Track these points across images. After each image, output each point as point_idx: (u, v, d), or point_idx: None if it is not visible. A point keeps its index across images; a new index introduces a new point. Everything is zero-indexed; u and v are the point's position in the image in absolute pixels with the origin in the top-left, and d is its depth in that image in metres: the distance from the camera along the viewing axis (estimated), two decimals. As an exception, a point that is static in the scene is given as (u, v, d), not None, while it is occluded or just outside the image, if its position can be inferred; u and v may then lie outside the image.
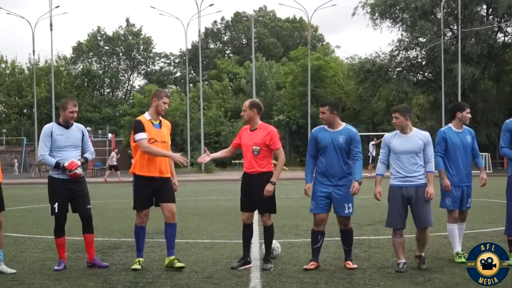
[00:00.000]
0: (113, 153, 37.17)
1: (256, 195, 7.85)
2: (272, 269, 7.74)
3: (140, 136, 7.78)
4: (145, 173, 7.87)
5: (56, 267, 7.91)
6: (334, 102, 8.10)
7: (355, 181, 7.71)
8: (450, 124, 8.44)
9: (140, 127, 7.82)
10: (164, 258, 8.73)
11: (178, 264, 7.77)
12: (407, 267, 7.69)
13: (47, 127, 7.96)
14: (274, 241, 8.84)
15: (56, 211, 7.92)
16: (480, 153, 8.52)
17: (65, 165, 7.87)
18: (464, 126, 8.39)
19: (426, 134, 7.84)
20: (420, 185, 7.68)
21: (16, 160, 54.75)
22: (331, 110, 7.79)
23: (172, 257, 7.88)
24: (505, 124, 8.05)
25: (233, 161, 49.17)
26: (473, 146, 8.32)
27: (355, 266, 7.77)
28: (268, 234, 7.99)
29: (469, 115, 8.39)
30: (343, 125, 7.89)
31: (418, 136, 7.76)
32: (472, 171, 8.33)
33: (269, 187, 7.82)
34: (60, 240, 8.05)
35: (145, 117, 7.97)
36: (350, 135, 7.77)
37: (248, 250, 8.03)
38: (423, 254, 7.80)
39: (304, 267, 7.82)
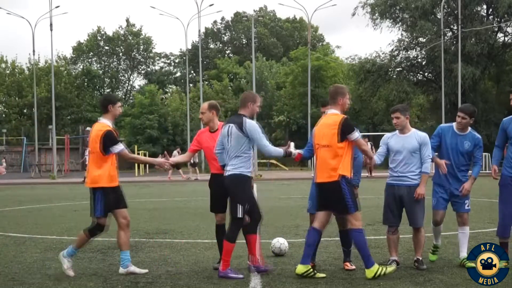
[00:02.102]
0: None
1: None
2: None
3: None
4: None
5: (238, 276, 7.26)
6: None
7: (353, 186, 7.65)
8: (453, 123, 8.05)
9: None
10: (164, 258, 8.74)
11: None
12: (399, 264, 7.71)
13: (255, 122, 7.42)
14: (279, 238, 8.90)
15: (246, 212, 7.32)
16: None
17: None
18: (471, 130, 7.93)
19: (423, 135, 7.81)
20: (412, 185, 7.66)
21: (4, 160, 54.81)
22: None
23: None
24: (502, 122, 7.99)
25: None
26: (474, 154, 7.87)
27: (354, 267, 7.73)
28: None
29: (460, 120, 7.81)
30: None
31: (415, 137, 7.73)
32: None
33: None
34: (233, 246, 7.40)
35: None
36: None
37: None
38: (420, 258, 7.78)
39: None
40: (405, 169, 7.68)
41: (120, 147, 7.49)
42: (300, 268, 7.20)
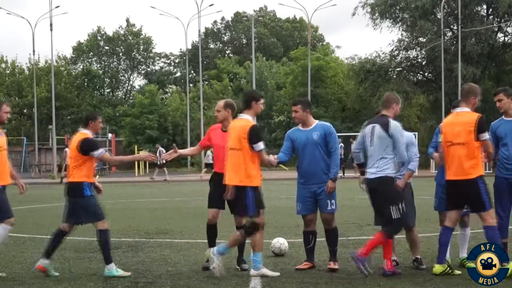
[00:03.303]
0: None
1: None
2: (249, 269, 7.74)
3: None
4: None
5: (391, 271, 7.26)
6: (306, 100, 8.16)
7: (329, 179, 7.70)
8: None
9: None
10: (164, 258, 8.74)
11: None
12: (398, 264, 7.72)
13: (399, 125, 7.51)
14: (279, 238, 8.91)
15: (402, 211, 7.30)
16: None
17: None
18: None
19: (409, 135, 7.89)
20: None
21: None
22: (304, 108, 7.81)
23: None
24: (490, 126, 7.97)
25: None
26: None
27: (337, 266, 7.70)
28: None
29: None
30: (316, 122, 7.90)
31: None
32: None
33: None
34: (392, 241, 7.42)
35: None
36: (324, 129, 7.76)
37: None
38: (418, 257, 7.77)
39: (296, 267, 7.83)
40: None
41: (262, 146, 7.30)
42: (438, 268, 7.22)
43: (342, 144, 35.09)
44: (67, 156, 33.58)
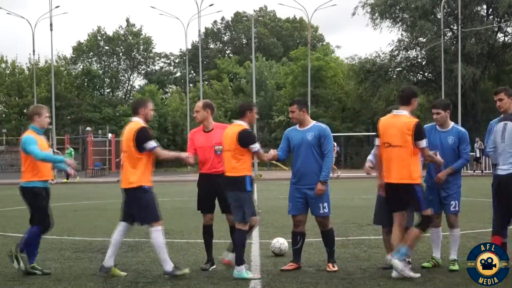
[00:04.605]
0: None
1: (224, 194, 7.78)
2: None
3: None
4: None
5: None
6: (301, 99, 8.15)
7: (319, 181, 7.61)
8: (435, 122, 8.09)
9: None
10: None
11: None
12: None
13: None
14: (279, 238, 8.91)
15: None
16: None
17: None
18: (454, 125, 8.00)
19: None
20: None
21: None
22: (300, 107, 7.78)
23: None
24: (490, 124, 7.95)
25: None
26: (459, 148, 7.88)
27: (336, 268, 7.65)
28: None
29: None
30: (312, 122, 7.87)
31: None
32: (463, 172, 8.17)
33: None
34: None
35: None
36: (319, 131, 7.70)
37: (211, 250, 8.04)
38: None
39: (282, 268, 7.79)
40: None
41: (425, 143, 7.24)
42: None
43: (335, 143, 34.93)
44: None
